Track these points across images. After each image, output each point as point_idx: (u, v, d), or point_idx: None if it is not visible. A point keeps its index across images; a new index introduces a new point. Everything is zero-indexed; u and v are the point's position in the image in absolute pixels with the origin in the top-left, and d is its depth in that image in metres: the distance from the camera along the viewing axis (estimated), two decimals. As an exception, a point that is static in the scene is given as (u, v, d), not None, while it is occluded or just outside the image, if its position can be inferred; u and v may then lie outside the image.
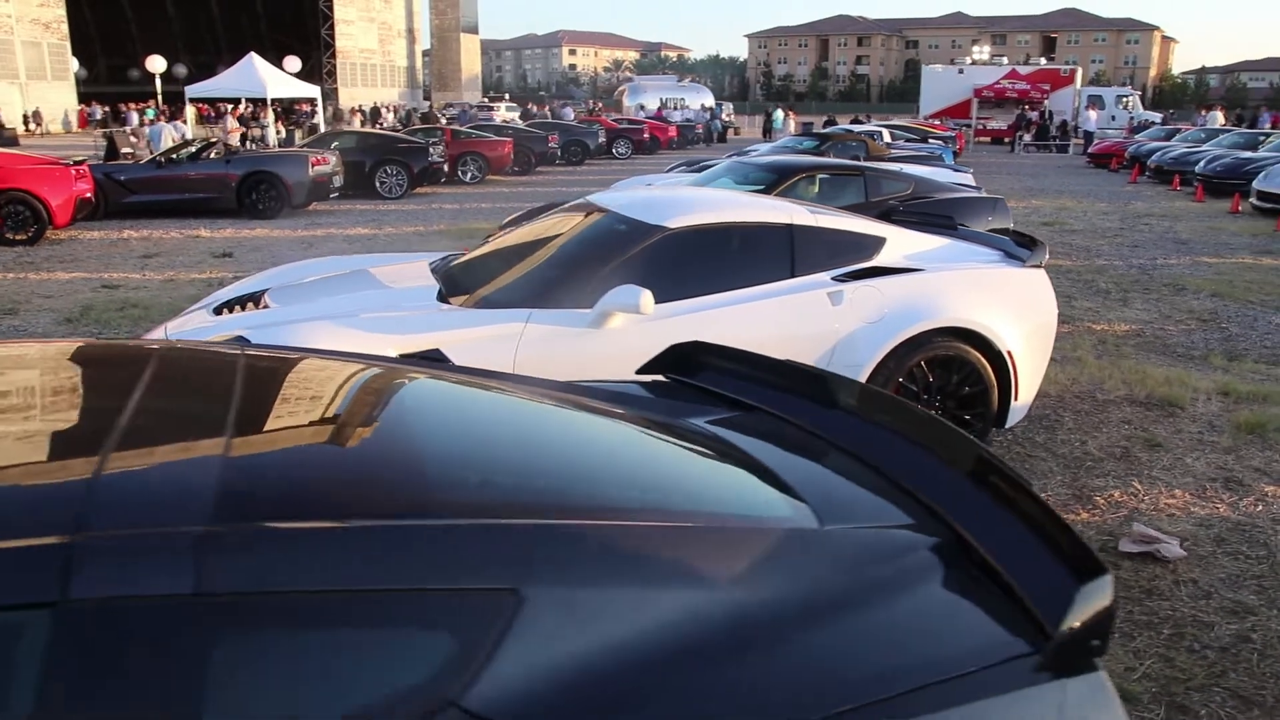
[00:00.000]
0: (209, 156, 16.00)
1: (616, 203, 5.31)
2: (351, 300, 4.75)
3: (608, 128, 30.64)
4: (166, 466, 1.46)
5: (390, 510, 1.47)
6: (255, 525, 1.34)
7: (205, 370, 1.97)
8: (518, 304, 4.55)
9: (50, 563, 1.20)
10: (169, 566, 1.24)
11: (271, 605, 1.26)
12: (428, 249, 12.16)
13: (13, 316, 8.61)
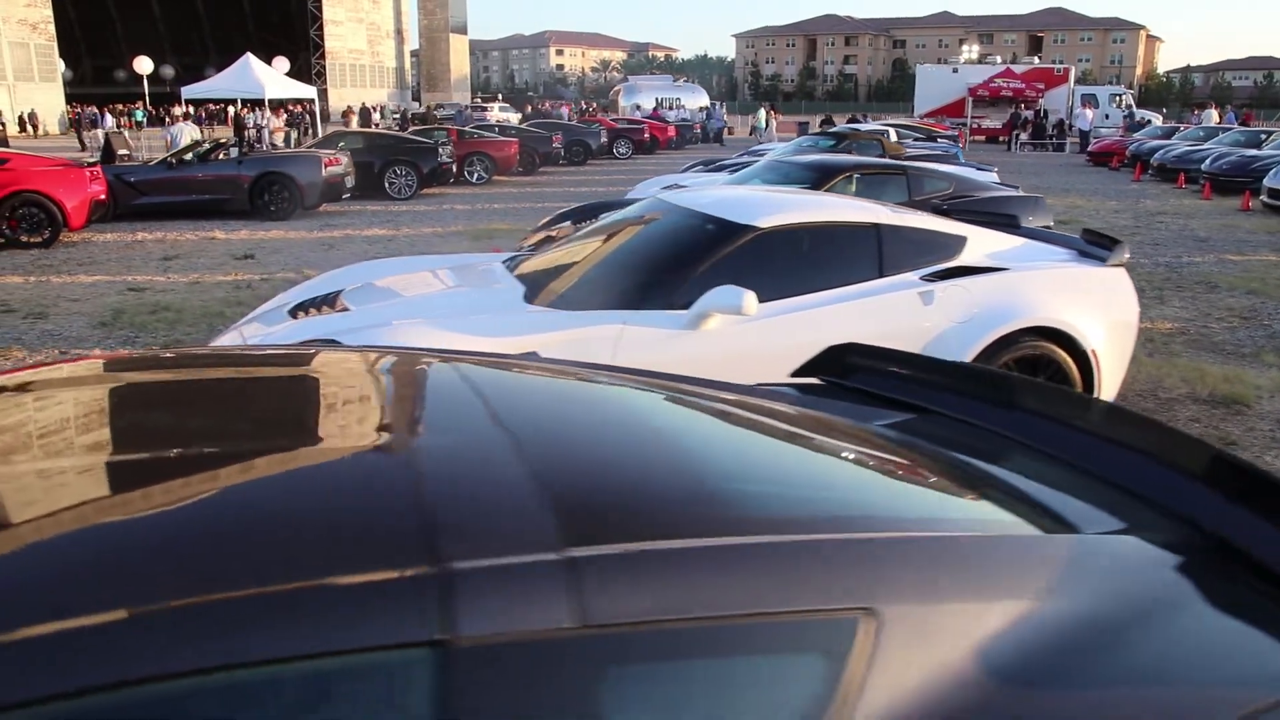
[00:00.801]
0: (218, 157, 15.82)
1: (697, 202, 5.21)
2: (436, 302, 4.64)
3: (608, 128, 30.51)
4: (489, 488, 1.34)
5: (722, 528, 1.36)
6: (609, 549, 1.22)
7: (448, 382, 1.84)
8: (610, 306, 4.45)
9: (419, 598, 1.09)
10: (546, 598, 1.13)
11: (640, 636, 1.15)
12: (454, 250, 12.05)
13: (44, 320, 8.44)
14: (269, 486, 1.30)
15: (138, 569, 1.08)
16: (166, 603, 1.02)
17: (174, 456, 1.39)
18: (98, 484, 1.33)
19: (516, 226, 14.52)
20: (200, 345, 4.29)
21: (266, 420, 1.59)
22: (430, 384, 1.81)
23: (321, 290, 5.22)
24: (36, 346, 7.52)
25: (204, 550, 1.12)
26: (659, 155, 32.78)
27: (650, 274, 4.66)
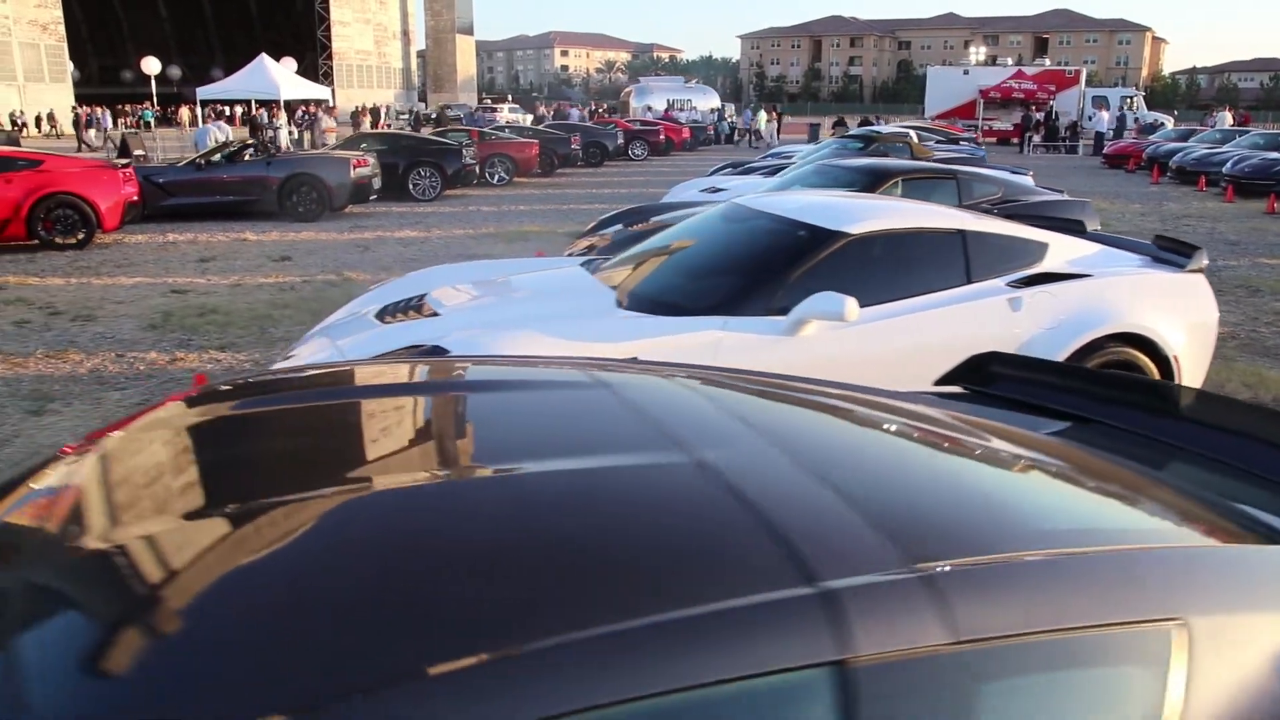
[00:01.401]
0: (245, 159, 15.80)
1: (782, 207, 5.19)
2: (529, 308, 4.61)
3: (624, 129, 30.47)
4: (820, 507, 1.31)
5: (1051, 541, 1.34)
6: (968, 564, 1.21)
7: (690, 399, 1.81)
8: (705, 311, 4.42)
9: (811, 620, 1.07)
10: (923, 616, 1.11)
11: (1004, 651, 1.15)
12: (489, 252, 12.03)
13: (93, 323, 8.42)
14: (625, 512, 1.29)
15: (543, 603, 1.06)
16: (583, 633, 1.01)
17: (516, 478, 1.38)
18: (454, 503, 1.32)
19: (546, 228, 14.52)
20: (431, 359, 4.27)
21: (558, 442, 1.56)
22: (684, 402, 1.78)
23: (400, 295, 5.19)
24: (91, 349, 7.49)
25: (604, 579, 1.11)
26: (673, 157, 32.75)
27: (744, 279, 4.64)
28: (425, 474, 1.40)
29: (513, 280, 5.23)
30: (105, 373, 6.85)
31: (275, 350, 7.43)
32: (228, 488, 1.43)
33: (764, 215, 5.16)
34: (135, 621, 1.05)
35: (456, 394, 1.83)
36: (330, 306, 8.83)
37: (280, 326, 8.21)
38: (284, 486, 1.39)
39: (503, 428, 1.63)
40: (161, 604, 1.08)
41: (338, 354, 4.38)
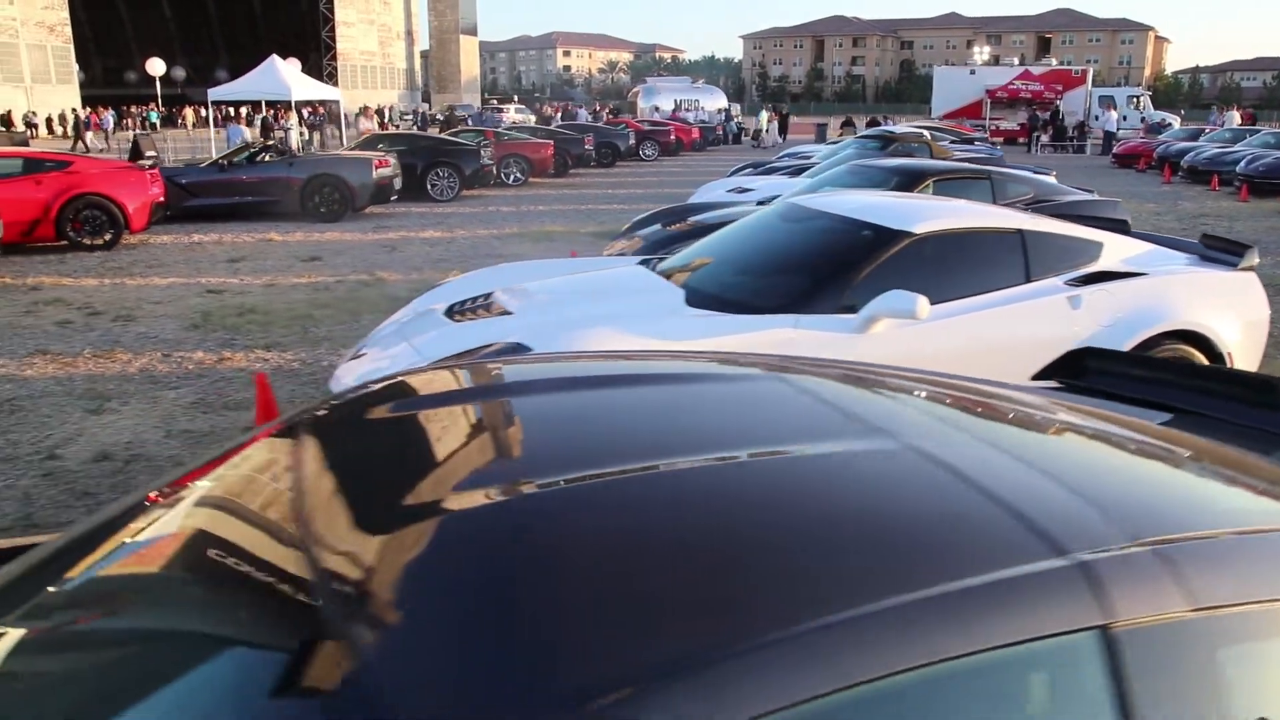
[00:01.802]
0: (266, 160, 15.85)
1: (842, 207, 5.25)
2: (602, 307, 4.66)
3: (635, 130, 30.52)
4: (1041, 487, 1.37)
5: (1248, 518, 1.41)
6: (1176, 540, 1.27)
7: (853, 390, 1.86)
8: (775, 309, 4.48)
9: (1078, 587, 1.14)
10: (1163, 585, 1.18)
11: (1239, 618, 1.22)
12: (517, 251, 12.08)
13: (133, 322, 8.47)
14: (859, 494, 1.35)
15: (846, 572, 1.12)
16: (889, 601, 1.07)
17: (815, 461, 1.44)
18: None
19: (569, 229, 14.57)
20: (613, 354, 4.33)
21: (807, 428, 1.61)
22: (847, 391, 1.83)
23: (464, 294, 5.24)
24: (137, 349, 7.55)
25: (908, 553, 1.17)
26: (683, 157, 32.79)
27: (812, 278, 4.70)
28: (638, 466, 1.42)
29: (577, 279, 5.28)
30: (155, 372, 6.91)
31: (321, 349, 7.49)
32: (428, 488, 1.45)
33: (825, 215, 5.21)
34: (382, 627, 1.08)
35: (633, 388, 1.87)
36: (367, 306, 8.90)
37: (322, 326, 8.26)
38: (480, 485, 1.41)
39: (695, 419, 1.68)
40: (397, 608, 1.11)
41: (413, 352, 4.43)
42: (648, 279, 5.12)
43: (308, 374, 6.87)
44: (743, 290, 4.77)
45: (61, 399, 6.28)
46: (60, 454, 5.31)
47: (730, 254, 5.36)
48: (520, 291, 5.01)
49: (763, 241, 5.42)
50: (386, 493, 1.43)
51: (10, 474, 5.04)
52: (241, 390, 6.46)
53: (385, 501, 1.40)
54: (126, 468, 5.11)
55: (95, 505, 4.64)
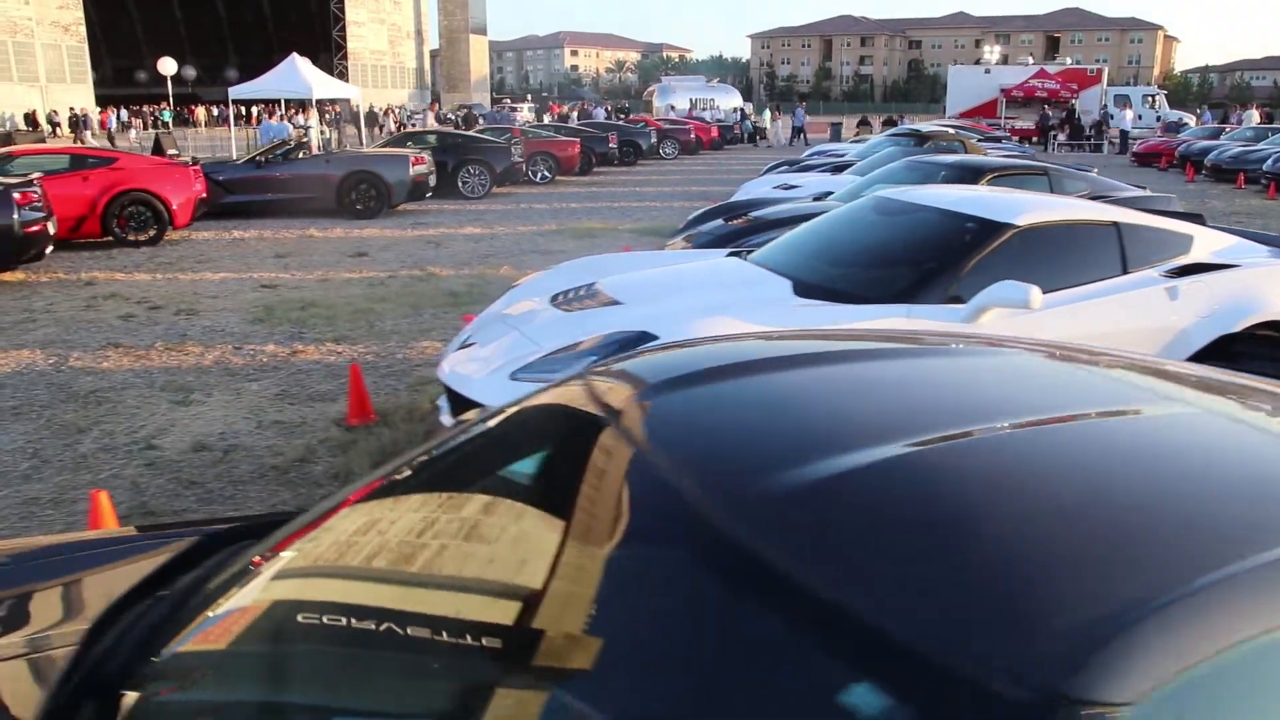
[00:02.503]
0: (299, 157, 15.90)
1: (941, 200, 5.30)
2: (709, 295, 4.70)
3: (656, 128, 30.55)
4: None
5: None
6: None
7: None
8: (886, 299, 4.52)
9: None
10: None
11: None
12: (563, 248, 12.12)
13: (196, 316, 8.52)
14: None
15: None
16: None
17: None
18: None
19: (608, 225, 14.61)
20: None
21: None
22: (1097, 365, 1.84)
23: (560, 285, 5.28)
24: (207, 342, 7.59)
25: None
26: (702, 156, 32.81)
27: (920, 269, 4.74)
28: (979, 429, 1.42)
29: (675, 270, 5.33)
30: (230, 365, 6.94)
31: (390, 342, 7.52)
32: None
33: (925, 208, 5.25)
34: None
35: (881, 362, 1.83)
36: (425, 300, 8.94)
37: (385, 320, 8.30)
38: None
39: (990, 388, 1.68)
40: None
41: (527, 340, 4.48)
42: (746, 270, 5.15)
43: (384, 366, 6.90)
44: (849, 281, 4.80)
45: (144, 391, 6.32)
46: (157, 444, 5.34)
47: (827, 245, 5.39)
48: (622, 282, 5.04)
49: (860, 233, 5.46)
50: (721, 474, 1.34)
51: (113, 464, 5.08)
52: (321, 382, 6.50)
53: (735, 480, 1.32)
54: (226, 458, 5.14)
55: (205, 495, 4.68)
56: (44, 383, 6.54)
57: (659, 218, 15.62)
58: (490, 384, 4.29)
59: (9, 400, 6.15)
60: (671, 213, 16.38)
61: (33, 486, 4.78)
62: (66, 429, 5.60)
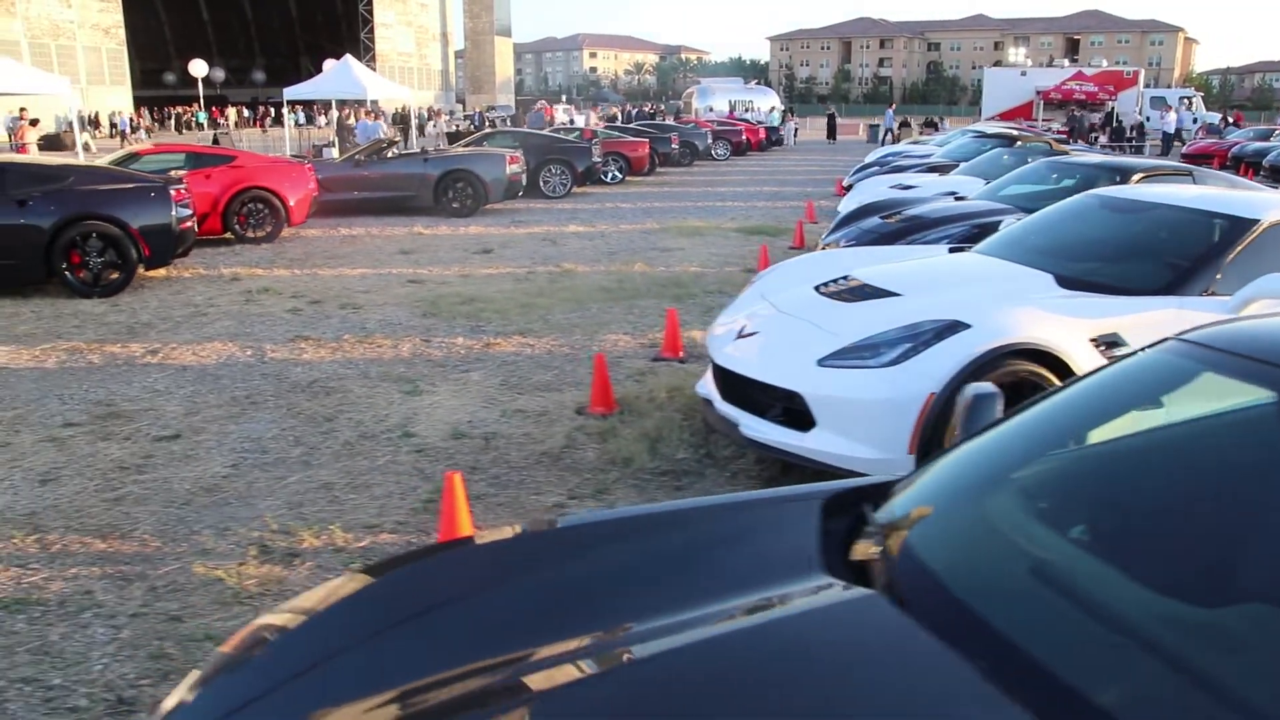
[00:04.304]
0: (391, 156, 16.08)
1: (1180, 198, 5.48)
2: (982, 288, 4.87)
3: (710, 130, 30.73)
4: None
5: None
6: None
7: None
8: (1154, 292, 4.69)
9: None
10: None
11: None
12: (678, 246, 12.27)
13: (361, 310, 8.69)
14: None
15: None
16: None
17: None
18: None
19: (711, 224, 14.77)
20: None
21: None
22: None
23: (812, 276, 5.45)
24: (393, 334, 7.76)
25: None
26: (751, 157, 33.00)
27: (1179, 263, 4.90)
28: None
29: (921, 264, 5.53)
30: (431, 357, 7.11)
31: (576, 335, 7.69)
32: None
33: (1164, 206, 5.41)
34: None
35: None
36: (581, 295, 9.11)
37: (554, 313, 8.46)
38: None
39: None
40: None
41: (818, 329, 4.65)
42: (994, 264, 5.34)
43: (584, 357, 7.05)
44: (1108, 274, 4.96)
45: (363, 381, 6.49)
46: (414, 432, 5.50)
47: (1063, 241, 5.55)
48: (881, 274, 5.20)
49: (1097, 229, 5.61)
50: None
51: (384, 450, 5.24)
52: (534, 373, 6.67)
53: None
54: (490, 445, 5.30)
55: (493, 480, 4.84)
56: (256, 373, 6.72)
57: (752, 217, 15.78)
58: (799, 371, 4.46)
59: (237, 389, 6.33)
60: (760, 212, 16.54)
61: (318, 473, 4.94)
62: (314, 418, 5.76)
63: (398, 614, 1.86)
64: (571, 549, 2.07)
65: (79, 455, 5.18)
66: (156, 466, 5.02)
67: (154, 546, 4.12)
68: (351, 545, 4.10)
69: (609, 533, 2.15)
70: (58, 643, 3.39)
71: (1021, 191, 9.48)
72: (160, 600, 3.66)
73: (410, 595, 1.93)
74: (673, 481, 4.80)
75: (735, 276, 10.28)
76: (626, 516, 2.26)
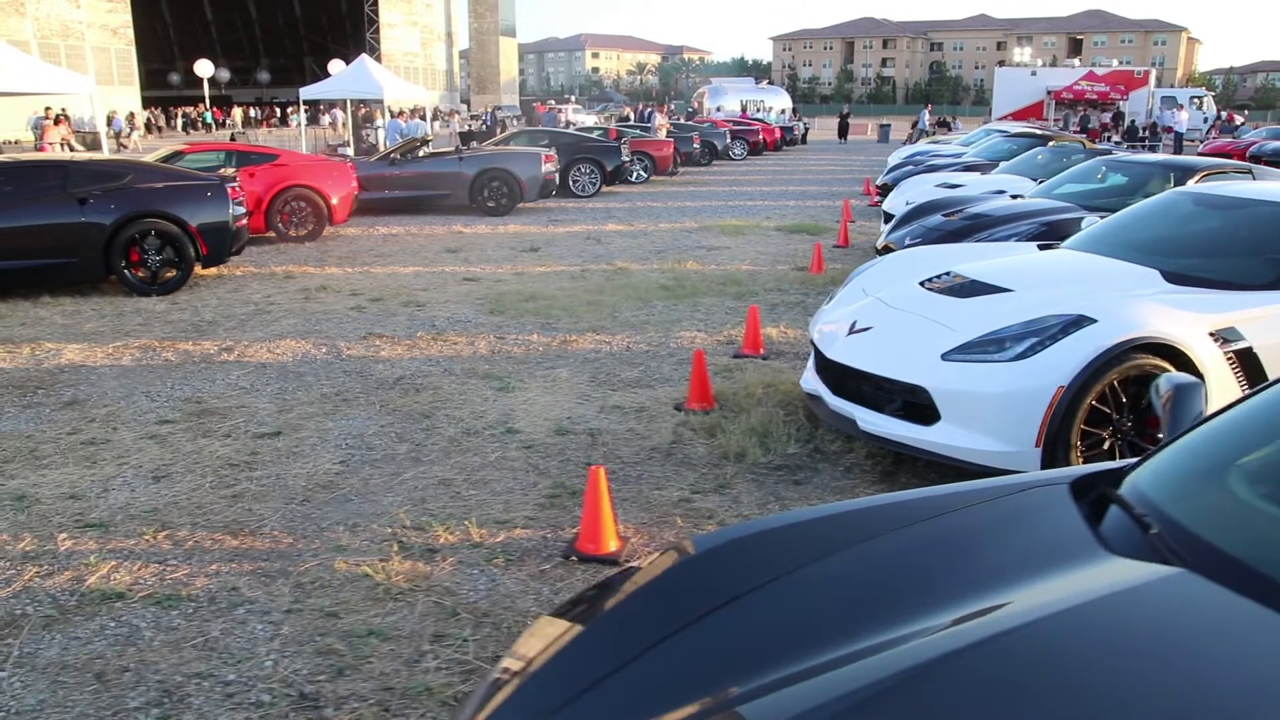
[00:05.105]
0: (422, 154, 16.05)
1: (1270, 195, 5.48)
2: (1089, 284, 4.88)
3: (728, 130, 30.72)
4: None
5: None
6: None
7: None
8: (1258, 287, 4.72)
9: None
10: None
11: None
12: (723, 245, 12.26)
13: (425, 308, 8.67)
14: None
15: None
16: None
17: None
18: None
19: (751, 222, 14.77)
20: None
21: None
22: None
23: (902, 275, 5.47)
24: (465, 332, 7.74)
25: None
26: (767, 156, 32.99)
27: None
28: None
29: (1021, 260, 5.57)
30: (513, 354, 7.09)
31: (650, 332, 7.67)
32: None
33: (1264, 202, 5.44)
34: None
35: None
36: (645, 293, 9.10)
37: (622, 311, 8.45)
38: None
39: None
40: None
41: (937, 325, 4.65)
42: (1094, 260, 5.37)
43: (665, 354, 7.04)
44: (1212, 269, 4.98)
45: (448, 378, 6.47)
46: (516, 428, 5.49)
47: (1158, 237, 5.59)
48: (985, 270, 5.22)
49: (1193, 225, 5.62)
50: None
51: (490, 446, 5.22)
52: (621, 369, 6.66)
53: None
54: (596, 441, 5.29)
55: (612, 474, 4.82)
56: (338, 370, 6.70)
57: (787, 215, 15.78)
58: (923, 366, 4.46)
59: (324, 387, 6.32)
60: (794, 211, 16.54)
61: (432, 469, 4.92)
62: (411, 415, 5.75)
63: (709, 601, 1.84)
64: (829, 544, 2.04)
65: (184, 452, 5.17)
66: (265, 464, 5.01)
67: (287, 543, 4.11)
68: (488, 540, 4.09)
69: (857, 526, 2.13)
70: (220, 638, 3.38)
71: (1077, 190, 9.48)
72: (311, 597, 3.65)
73: (717, 581, 1.91)
74: (789, 476, 4.79)
75: (789, 275, 10.28)
76: (853, 510, 2.22)
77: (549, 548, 4.04)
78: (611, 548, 3.95)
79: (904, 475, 4.79)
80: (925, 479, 4.70)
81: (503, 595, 3.65)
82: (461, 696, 3.01)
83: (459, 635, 3.37)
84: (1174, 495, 2.05)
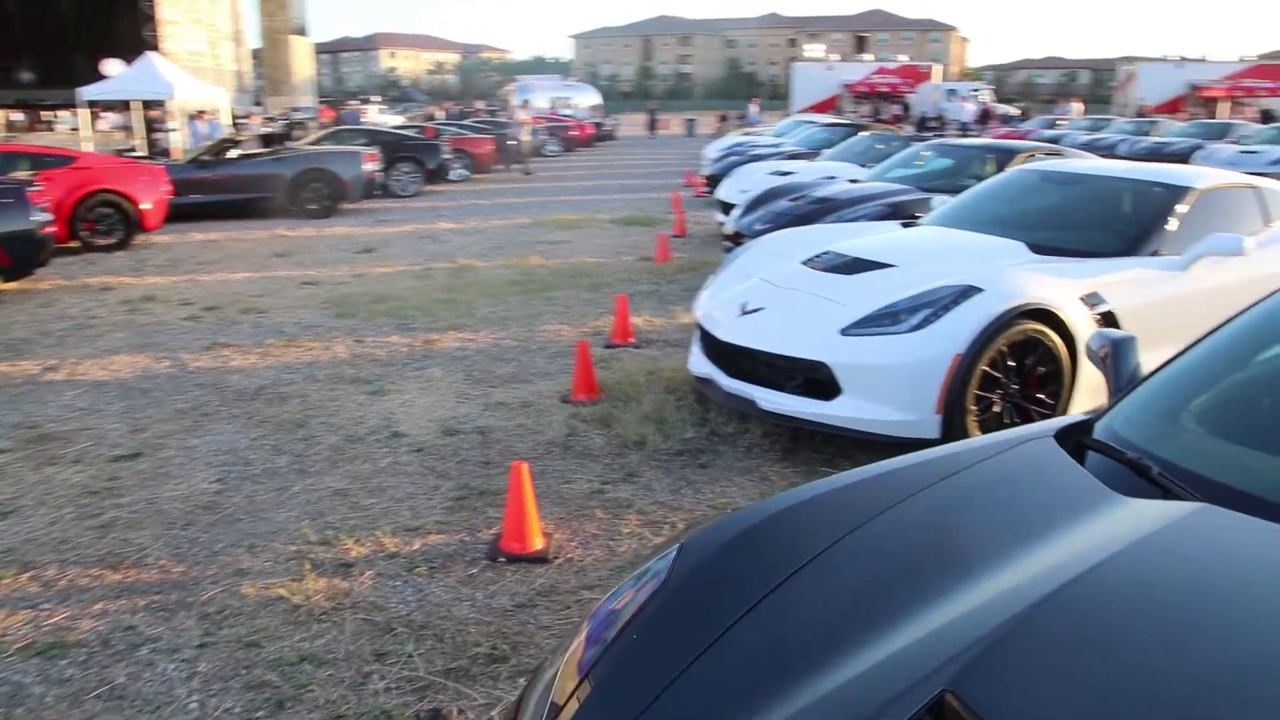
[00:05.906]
0: (248, 155, 15.17)
1: (1115, 170, 5.98)
2: (969, 258, 5.09)
3: (543, 126, 30.54)
4: None
5: None
6: None
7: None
8: (1109, 254, 5.08)
9: None
10: None
11: None
12: (564, 239, 12.16)
13: (266, 315, 8.18)
14: None
15: None
16: None
17: None
18: None
19: (585, 216, 14.70)
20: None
21: None
22: None
23: (791, 253, 5.55)
24: (317, 337, 7.34)
25: None
26: (580, 153, 33.05)
27: (1129, 228, 5.35)
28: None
29: (895, 237, 5.76)
30: (375, 356, 6.77)
31: (513, 328, 7.50)
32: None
33: (1106, 177, 5.83)
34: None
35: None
36: (492, 289, 8.95)
37: (477, 308, 8.23)
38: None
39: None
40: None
41: (827, 301, 4.76)
42: (963, 235, 5.60)
43: (534, 348, 6.91)
44: (1071, 240, 5.31)
45: (313, 384, 6.12)
46: (402, 432, 5.24)
47: (1014, 211, 5.91)
48: (865, 247, 5.38)
49: (1045, 200, 5.97)
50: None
51: (380, 451, 4.97)
52: (492, 366, 6.47)
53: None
54: (488, 439, 5.12)
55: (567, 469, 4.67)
56: (188, 384, 6.22)
57: (617, 209, 15.83)
58: (823, 342, 4.54)
59: (177, 402, 5.85)
60: (622, 204, 16.62)
61: (322, 480, 4.63)
62: (283, 425, 5.40)
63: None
64: (863, 511, 2.00)
65: (29, 484, 4.65)
66: (130, 489, 4.57)
67: (179, 572, 3.76)
68: (404, 550, 3.87)
69: (863, 493, 2.10)
70: (128, 684, 3.04)
71: (907, 174, 9.96)
72: (222, 628, 3.34)
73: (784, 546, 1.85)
74: (693, 460, 4.78)
75: (636, 266, 10.30)
76: (856, 481, 2.20)
77: (470, 551, 3.87)
78: (538, 545, 3.82)
79: (803, 451, 4.87)
80: (824, 454, 4.80)
81: (435, 605, 3.46)
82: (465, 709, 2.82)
83: (401, 651, 3.16)
84: (1153, 437, 2.14)
